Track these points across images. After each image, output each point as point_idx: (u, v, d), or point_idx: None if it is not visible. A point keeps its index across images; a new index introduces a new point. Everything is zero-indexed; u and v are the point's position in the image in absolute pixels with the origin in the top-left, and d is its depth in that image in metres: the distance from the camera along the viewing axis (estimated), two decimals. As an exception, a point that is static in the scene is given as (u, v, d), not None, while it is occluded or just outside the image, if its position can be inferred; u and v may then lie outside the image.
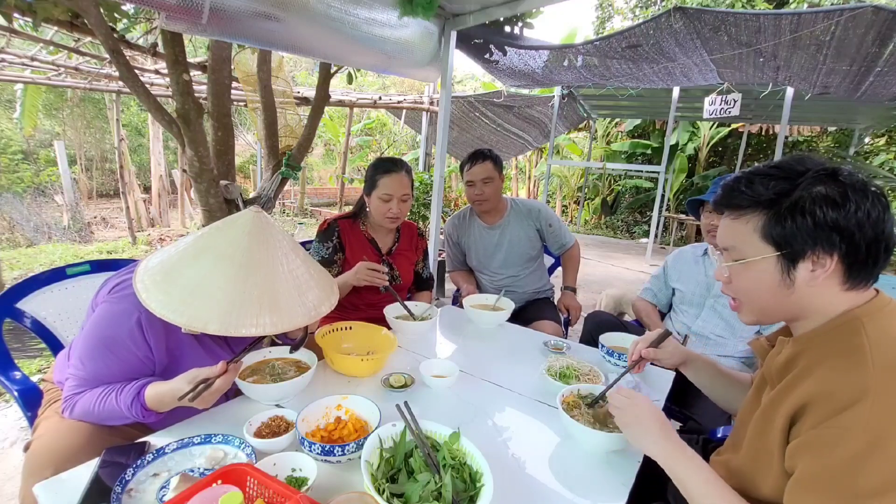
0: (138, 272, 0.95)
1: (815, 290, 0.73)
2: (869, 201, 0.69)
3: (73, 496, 0.75)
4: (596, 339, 1.48)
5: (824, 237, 0.70)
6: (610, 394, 0.93)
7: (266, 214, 1.02)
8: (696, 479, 0.76)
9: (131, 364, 0.99)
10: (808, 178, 0.71)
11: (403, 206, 1.72)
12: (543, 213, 2.24)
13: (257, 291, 0.91)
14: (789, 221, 0.72)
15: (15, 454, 1.93)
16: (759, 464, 0.76)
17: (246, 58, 3.34)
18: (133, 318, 0.96)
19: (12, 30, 2.81)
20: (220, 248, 0.94)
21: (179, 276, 0.91)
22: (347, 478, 0.85)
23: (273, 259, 0.96)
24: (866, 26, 2.74)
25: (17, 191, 8.31)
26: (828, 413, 0.64)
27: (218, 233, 0.97)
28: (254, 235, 0.96)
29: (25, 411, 1.17)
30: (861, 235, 0.69)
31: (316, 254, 1.75)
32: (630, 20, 11.24)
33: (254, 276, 0.92)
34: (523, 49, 3.29)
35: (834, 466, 0.62)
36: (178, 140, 2.27)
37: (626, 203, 10.67)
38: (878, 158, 8.08)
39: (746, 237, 0.77)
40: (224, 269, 0.91)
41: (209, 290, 0.89)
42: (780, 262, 0.74)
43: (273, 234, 0.99)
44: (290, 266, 0.99)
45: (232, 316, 0.88)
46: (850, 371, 0.65)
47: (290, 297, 0.95)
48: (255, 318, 0.89)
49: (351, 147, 10.14)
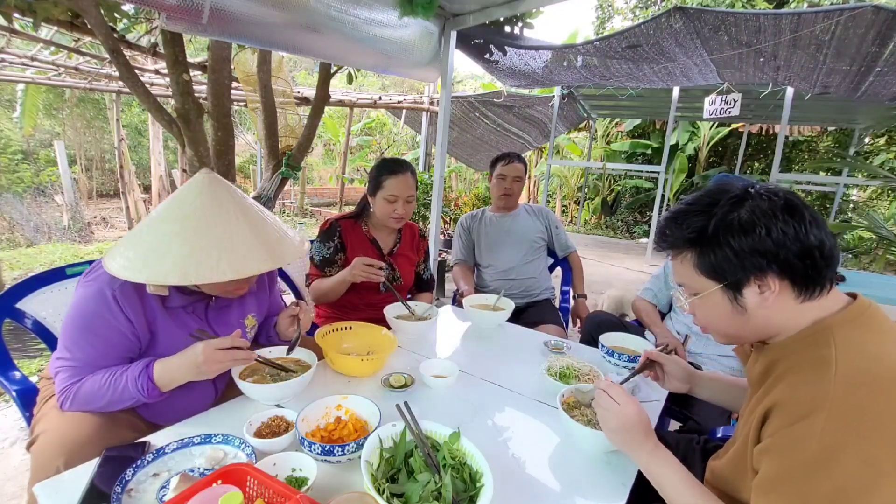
0: (106, 251, 0.99)
1: (771, 311, 0.74)
2: (780, 220, 0.70)
3: (73, 496, 0.75)
4: (596, 339, 1.48)
5: (750, 263, 0.71)
6: (597, 392, 0.93)
7: (217, 175, 1.07)
8: (676, 485, 0.78)
9: (116, 342, 1.00)
10: (720, 209, 0.73)
11: (408, 207, 1.72)
12: (551, 215, 2.46)
13: (214, 242, 0.97)
14: (712, 255, 0.74)
15: (15, 454, 1.93)
16: (740, 468, 0.77)
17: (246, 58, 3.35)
18: (108, 295, 0.98)
19: (12, 30, 2.81)
20: (175, 211, 1.01)
21: (139, 242, 0.99)
22: (347, 478, 0.85)
23: (227, 213, 1.01)
24: (866, 26, 2.74)
25: (17, 191, 8.30)
26: (787, 420, 0.66)
27: (174, 199, 1.04)
28: (206, 195, 1.02)
29: (24, 412, 1.17)
30: (787, 252, 0.69)
31: (317, 253, 1.75)
32: (630, 20, 11.24)
33: (209, 229, 0.98)
34: (523, 49, 3.29)
35: (788, 473, 0.63)
36: (178, 140, 2.27)
37: (626, 203, 10.67)
38: (878, 158, 8.08)
39: (689, 274, 0.79)
40: (179, 227, 0.98)
41: (167, 248, 0.96)
42: (725, 292, 0.76)
43: (226, 190, 1.04)
44: (246, 219, 1.03)
45: (190, 267, 0.93)
46: (812, 381, 0.66)
47: (249, 246, 1.00)
48: (215, 266, 0.94)
49: (351, 147, 10.15)
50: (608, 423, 0.88)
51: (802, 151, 9.71)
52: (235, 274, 0.95)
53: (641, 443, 0.85)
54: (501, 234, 2.34)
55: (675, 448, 1.08)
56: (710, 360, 1.70)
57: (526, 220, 2.37)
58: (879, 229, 3.71)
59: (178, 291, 1.07)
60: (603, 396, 0.91)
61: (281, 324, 1.27)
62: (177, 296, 1.07)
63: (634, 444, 0.85)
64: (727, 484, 0.82)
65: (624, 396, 0.90)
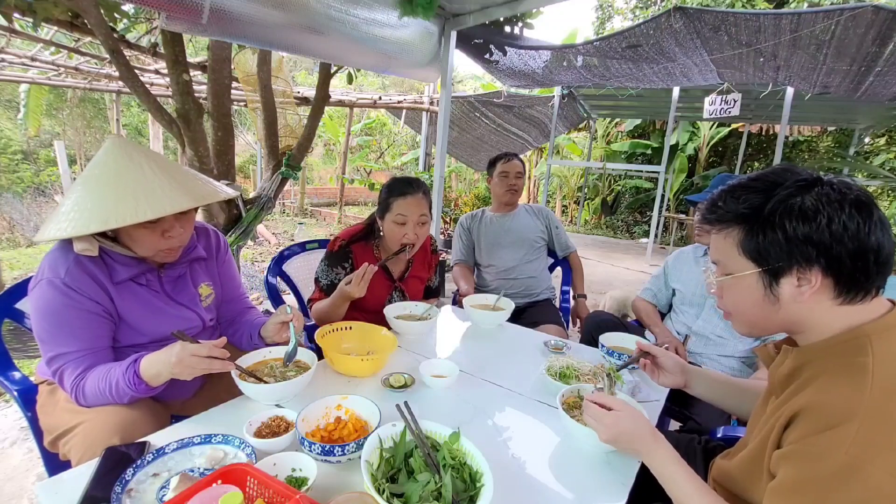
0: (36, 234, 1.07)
1: (805, 306, 0.71)
2: (845, 213, 0.65)
3: (73, 496, 0.75)
4: (596, 339, 1.48)
5: (798, 252, 0.67)
6: (585, 404, 0.93)
7: (126, 139, 1.13)
8: (685, 486, 0.77)
9: (93, 322, 1.03)
10: (783, 190, 0.69)
11: (421, 231, 1.58)
12: (551, 215, 2.46)
13: (129, 190, 1.00)
14: (761, 236, 0.70)
15: (15, 454, 1.93)
16: (754, 469, 0.76)
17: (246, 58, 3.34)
18: (59, 285, 1.00)
19: (12, 30, 2.81)
20: (88, 174, 1.05)
21: (60, 209, 1.02)
22: (347, 478, 0.85)
23: (139, 166, 1.04)
24: (866, 26, 2.74)
25: (17, 191, 8.30)
26: (815, 428, 0.63)
27: (88, 169, 1.07)
28: (116, 153, 1.05)
29: (25, 411, 1.17)
30: (841, 248, 0.65)
31: (324, 277, 1.62)
32: (630, 20, 11.23)
33: (123, 181, 1.01)
34: (523, 49, 3.29)
35: (810, 481, 0.61)
36: (178, 140, 2.27)
37: (626, 203, 10.67)
38: (878, 158, 8.08)
39: (729, 252, 0.76)
40: (94, 186, 1.02)
41: (85, 205, 0.99)
42: (761, 277, 0.73)
43: (135, 148, 1.08)
44: (160, 168, 1.05)
45: (110, 213, 0.97)
46: (846, 389, 0.63)
47: (165, 189, 1.02)
48: (133, 208, 0.97)
49: (351, 147, 10.14)
50: (606, 436, 0.88)
51: (802, 151, 9.71)
52: (154, 213, 0.97)
53: (649, 445, 0.84)
54: (501, 233, 2.34)
55: (676, 448, 1.08)
56: (710, 359, 1.70)
57: (526, 220, 2.37)
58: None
59: (119, 263, 1.08)
60: (591, 408, 0.90)
61: (269, 329, 1.25)
62: (119, 269, 1.08)
63: (640, 448, 0.85)
64: (736, 484, 0.80)
65: (614, 404, 0.90)
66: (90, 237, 1.01)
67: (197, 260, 1.26)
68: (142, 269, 1.12)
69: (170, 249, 1.11)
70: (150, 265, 1.14)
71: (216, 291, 1.32)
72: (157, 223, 1.04)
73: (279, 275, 2.02)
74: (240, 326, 1.36)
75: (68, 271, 1.00)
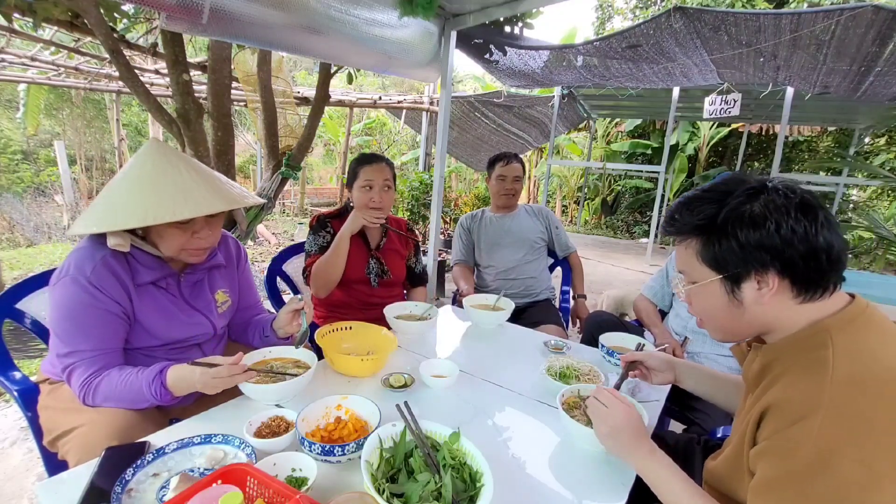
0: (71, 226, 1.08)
1: (768, 307, 0.73)
2: (792, 217, 0.68)
3: (74, 496, 0.75)
4: (596, 339, 1.48)
5: (753, 258, 0.71)
6: (589, 399, 0.94)
7: (164, 142, 1.17)
8: (673, 490, 0.78)
9: (109, 323, 1.04)
10: (734, 199, 0.72)
11: (385, 196, 1.72)
12: (551, 216, 2.47)
13: (168, 190, 1.04)
14: (716, 245, 0.73)
15: (15, 454, 1.93)
16: (736, 468, 0.77)
17: (246, 58, 3.35)
18: (84, 284, 1.01)
19: (12, 30, 2.81)
20: (129, 173, 1.09)
21: (98, 205, 1.07)
22: (347, 478, 0.85)
23: (177, 169, 1.08)
24: (866, 26, 2.74)
25: (17, 191, 8.31)
26: (783, 423, 0.65)
27: (126, 167, 1.12)
28: (155, 157, 1.09)
29: (25, 411, 1.17)
30: (793, 251, 0.68)
31: (312, 244, 1.76)
32: (630, 20, 11.23)
33: (162, 182, 1.05)
34: (523, 49, 3.29)
35: (786, 477, 0.63)
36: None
37: (626, 203, 10.67)
38: (878, 158, 8.08)
39: (691, 262, 0.79)
40: (133, 185, 1.06)
41: (124, 202, 1.04)
42: (723, 284, 0.75)
43: (174, 153, 1.13)
44: (197, 173, 1.10)
45: (149, 210, 1.01)
46: (809, 383, 0.65)
47: (202, 192, 1.07)
48: (170, 208, 1.02)
49: (351, 147, 10.14)
50: (598, 430, 0.89)
51: (802, 151, 9.71)
52: (191, 213, 1.02)
53: (634, 447, 0.85)
54: (501, 234, 2.34)
55: (676, 448, 1.09)
56: (709, 359, 1.70)
57: (526, 221, 2.38)
58: (879, 229, 3.70)
59: (143, 265, 1.10)
60: (593, 402, 0.92)
61: (281, 319, 1.27)
62: (143, 271, 1.10)
63: (628, 449, 0.86)
64: (724, 484, 0.81)
65: (613, 399, 0.90)
66: (123, 233, 1.04)
67: (216, 267, 1.29)
68: (164, 273, 1.15)
69: (197, 249, 1.14)
70: (171, 269, 1.17)
71: (233, 299, 1.34)
72: (189, 223, 1.08)
73: (279, 274, 2.02)
74: (251, 327, 1.39)
75: (94, 269, 1.03)
